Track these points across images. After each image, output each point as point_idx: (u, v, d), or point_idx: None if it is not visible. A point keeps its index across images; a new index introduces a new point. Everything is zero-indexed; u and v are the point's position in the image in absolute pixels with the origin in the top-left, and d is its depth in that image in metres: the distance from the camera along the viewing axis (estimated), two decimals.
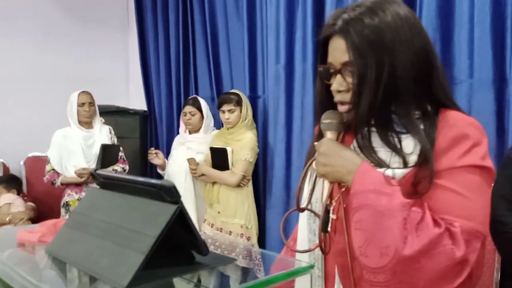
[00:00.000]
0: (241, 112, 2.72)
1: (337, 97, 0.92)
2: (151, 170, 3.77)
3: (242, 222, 2.62)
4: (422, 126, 0.87)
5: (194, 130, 3.00)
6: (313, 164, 0.94)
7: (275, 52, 2.79)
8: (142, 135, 3.94)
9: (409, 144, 0.86)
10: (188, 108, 2.96)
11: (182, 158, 2.92)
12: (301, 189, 0.98)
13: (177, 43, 3.69)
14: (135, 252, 0.66)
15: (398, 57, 0.85)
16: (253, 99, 3.00)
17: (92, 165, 2.93)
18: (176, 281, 0.71)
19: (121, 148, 3.13)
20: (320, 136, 0.99)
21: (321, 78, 0.96)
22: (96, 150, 2.97)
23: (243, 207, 2.64)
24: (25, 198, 3.23)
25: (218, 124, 3.11)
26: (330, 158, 0.89)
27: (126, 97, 4.29)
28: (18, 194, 3.15)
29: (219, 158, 2.68)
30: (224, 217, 2.66)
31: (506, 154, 1.46)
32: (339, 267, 0.92)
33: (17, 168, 3.54)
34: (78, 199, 2.89)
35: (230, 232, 2.64)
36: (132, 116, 3.90)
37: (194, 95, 3.24)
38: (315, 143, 0.96)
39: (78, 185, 2.92)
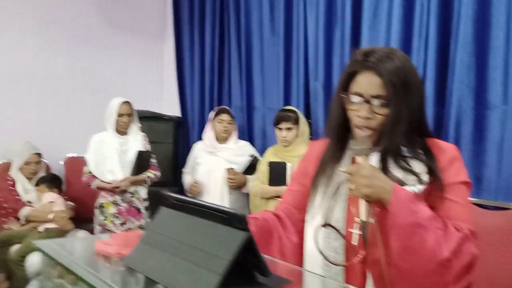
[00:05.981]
0: (297, 130, 2.73)
1: (362, 123, 1.08)
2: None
3: None
4: (420, 151, 1.08)
5: (225, 138, 3.09)
6: (350, 185, 1.05)
7: (315, 69, 2.89)
8: (175, 140, 4.05)
9: (416, 166, 1.06)
10: (226, 116, 3.06)
11: (216, 168, 3.01)
12: (330, 208, 1.13)
13: (211, 53, 3.82)
14: (211, 272, 0.76)
15: (416, 97, 1.07)
16: None
17: (126, 170, 3.05)
18: None
19: (153, 155, 3.23)
20: (331, 156, 1.18)
21: (341, 103, 1.12)
22: (130, 156, 3.07)
23: None
24: (65, 197, 3.39)
25: (260, 139, 3.26)
26: (372, 180, 1.01)
27: (159, 103, 4.42)
28: (59, 193, 3.31)
29: (278, 173, 2.64)
30: None
31: None
32: (374, 275, 1.06)
33: (57, 167, 3.71)
34: (112, 202, 3.02)
35: None
36: (166, 122, 4.01)
37: (223, 106, 3.32)
38: (347, 167, 1.09)
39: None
